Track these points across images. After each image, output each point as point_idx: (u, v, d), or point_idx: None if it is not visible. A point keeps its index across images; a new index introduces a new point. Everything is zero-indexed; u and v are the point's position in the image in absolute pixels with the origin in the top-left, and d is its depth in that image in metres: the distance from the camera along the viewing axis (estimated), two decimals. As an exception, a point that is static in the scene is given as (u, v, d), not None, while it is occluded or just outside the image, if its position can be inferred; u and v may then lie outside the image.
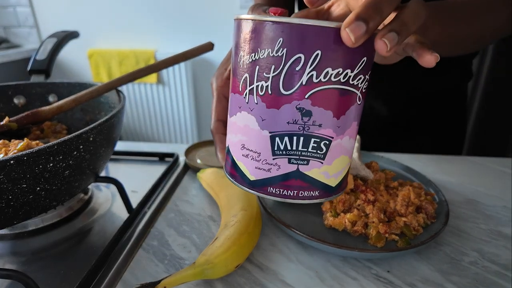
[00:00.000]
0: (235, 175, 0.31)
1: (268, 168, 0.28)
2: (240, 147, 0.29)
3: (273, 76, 0.26)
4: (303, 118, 0.26)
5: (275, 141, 0.27)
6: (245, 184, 0.30)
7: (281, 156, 0.28)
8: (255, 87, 0.27)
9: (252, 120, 0.28)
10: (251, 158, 0.29)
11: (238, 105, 0.29)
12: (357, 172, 0.49)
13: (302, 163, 0.28)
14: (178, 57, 0.49)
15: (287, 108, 0.26)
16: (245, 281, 0.37)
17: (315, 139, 0.27)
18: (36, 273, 0.37)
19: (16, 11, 2.14)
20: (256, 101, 0.27)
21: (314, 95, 0.26)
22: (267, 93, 0.26)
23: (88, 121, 0.57)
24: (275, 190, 0.29)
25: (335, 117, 0.27)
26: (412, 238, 0.40)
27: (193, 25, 1.97)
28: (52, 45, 0.61)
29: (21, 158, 0.30)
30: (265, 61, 0.26)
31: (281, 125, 0.27)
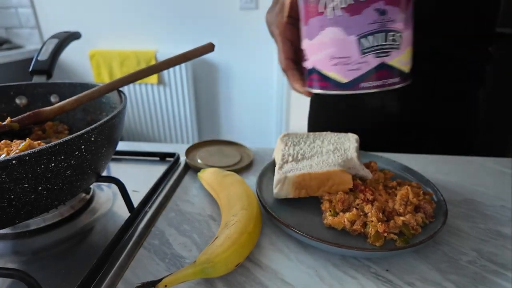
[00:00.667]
0: (326, 85, 0.38)
1: (358, 67, 0.35)
2: (328, 59, 0.36)
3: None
4: (380, 17, 0.34)
5: (361, 42, 0.34)
6: (338, 88, 0.37)
7: (368, 53, 0.35)
8: (338, 2, 0.34)
9: (338, 31, 0.35)
10: (342, 63, 0.36)
11: (320, 25, 0.36)
12: (356, 172, 0.49)
13: (385, 55, 0.35)
14: (179, 57, 0.49)
15: (367, 11, 0.33)
16: (245, 279, 0.37)
17: (392, 33, 0.34)
18: (38, 272, 0.37)
19: (18, 12, 2.15)
20: (340, 14, 0.34)
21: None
22: (349, 4, 0.33)
23: (89, 121, 0.57)
24: (367, 84, 0.36)
25: (402, 12, 0.34)
26: (411, 237, 0.40)
27: (194, 26, 1.97)
28: (53, 46, 0.61)
29: (23, 158, 0.30)
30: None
31: (364, 27, 0.34)
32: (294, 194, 0.46)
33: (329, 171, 0.46)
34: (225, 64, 2.05)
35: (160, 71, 0.49)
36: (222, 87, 2.12)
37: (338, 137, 0.57)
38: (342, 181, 0.46)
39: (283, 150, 0.53)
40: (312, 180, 0.46)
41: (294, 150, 0.53)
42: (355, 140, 0.55)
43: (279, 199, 0.48)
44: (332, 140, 0.56)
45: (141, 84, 2.08)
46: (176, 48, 2.04)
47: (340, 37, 0.35)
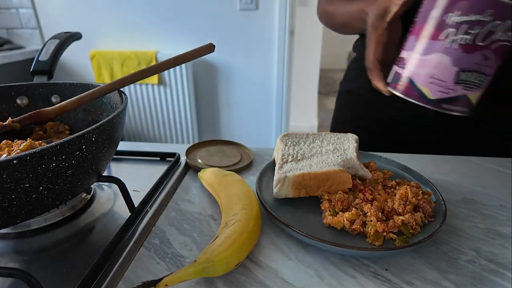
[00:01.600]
0: (413, 95, 0.45)
1: (447, 92, 0.43)
2: (428, 77, 0.43)
3: (476, 33, 0.39)
4: (483, 61, 0.41)
5: (459, 75, 0.42)
6: (423, 101, 0.45)
7: (460, 84, 0.42)
8: (458, 38, 0.40)
9: (447, 60, 0.42)
10: (437, 84, 0.43)
11: (434, 48, 0.42)
12: (356, 172, 0.49)
13: (469, 90, 0.43)
14: (179, 58, 0.49)
15: (477, 54, 0.40)
16: (245, 279, 0.37)
17: (483, 75, 0.42)
18: (39, 271, 0.37)
19: (19, 12, 2.15)
20: (456, 47, 0.41)
21: (496, 47, 0.40)
22: (467, 43, 0.40)
23: (90, 122, 0.57)
24: (447, 106, 0.44)
25: (497, 62, 0.41)
26: (410, 236, 0.40)
27: (194, 26, 1.98)
28: (54, 46, 0.61)
29: (24, 158, 0.30)
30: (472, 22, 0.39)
31: (468, 64, 0.41)
32: (293, 193, 0.47)
33: (329, 171, 0.46)
34: (225, 64, 2.05)
35: (160, 72, 0.50)
36: (222, 87, 2.12)
37: (338, 137, 0.57)
38: (341, 181, 0.46)
39: (283, 150, 0.53)
40: (311, 179, 0.46)
41: (294, 150, 0.53)
42: (354, 140, 0.55)
43: (279, 198, 0.48)
44: (331, 140, 0.56)
45: (141, 85, 2.08)
46: (176, 49, 2.04)
47: (446, 64, 0.42)
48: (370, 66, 0.53)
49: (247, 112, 2.17)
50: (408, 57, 0.46)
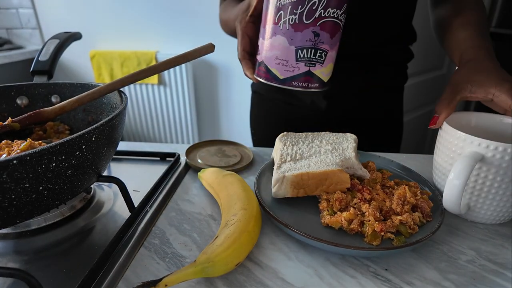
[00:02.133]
0: (268, 77, 0.50)
1: (292, 70, 0.47)
2: (274, 58, 0.48)
3: (300, 12, 0.44)
4: (315, 38, 0.46)
5: (298, 52, 0.46)
6: (276, 81, 0.49)
7: (301, 61, 0.47)
8: (288, 19, 0.45)
9: (284, 40, 0.46)
10: (282, 64, 0.48)
11: (274, 31, 0.47)
12: (354, 172, 0.49)
13: (312, 66, 0.47)
14: (179, 58, 0.49)
15: (306, 31, 0.45)
16: (245, 279, 0.37)
17: (320, 51, 0.47)
18: (39, 271, 0.37)
19: (19, 12, 2.15)
20: (288, 27, 0.45)
21: (322, 24, 0.45)
22: (295, 23, 0.45)
23: (90, 122, 0.57)
24: (296, 83, 0.48)
25: (330, 37, 0.46)
26: (408, 236, 0.40)
27: (194, 26, 1.98)
28: (54, 46, 0.61)
29: (24, 158, 0.30)
30: (294, 3, 0.44)
31: (302, 42, 0.46)
32: (292, 193, 0.47)
33: (327, 170, 0.46)
34: (225, 64, 2.05)
35: (160, 72, 0.50)
36: (222, 87, 2.12)
37: (337, 137, 0.57)
38: (340, 181, 0.46)
39: (282, 149, 0.53)
40: (310, 179, 0.46)
41: (292, 149, 0.53)
42: (353, 140, 0.55)
43: (277, 198, 0.48)
44: (330, 140, 0.56)
45: (141, 85, 2.08)
46: (176, 49, 2.04)
47: (284, 44, 0.47)
48: (239, 57, 0.55)
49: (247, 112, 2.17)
50: (260, 44, 0.50)
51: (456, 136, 0.45)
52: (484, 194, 0.44)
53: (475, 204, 0.45)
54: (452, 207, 0.42)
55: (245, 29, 0.55)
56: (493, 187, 0.43)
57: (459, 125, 0.51)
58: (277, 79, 0.49)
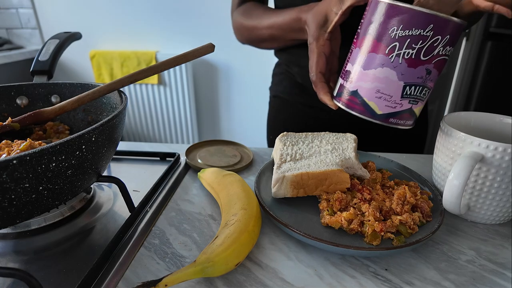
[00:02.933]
0: (360, 109, 0.45)
1: (394, 106, 0.43)
2: (374, 91, 0.43)
3: (419, 47, 0.40)
4: (426, 75, 0.42)
5: (405, 89, 0.42)
6: (371, 116, 0.45)
7: (406, 98, 0.43)
8: (403, 52, 0.41)
9: (393, 74, 0.42)
10: (384, 99, 0.43)
11: (381, 63, 0.42)
12: (354, 172, 0.49)
13: (414, 103, 0.44)
14: (179, 58, 0.49)
15: (420, 68, 0.41)
16: (245, 279, 0.37)
17: (426, 89, 0.43)
18: (39, 271, 0.37)
19: (19, 12, 2.15)
20: (400, 61, 0.41)
21: (436, 61, 0.41)
22: (411, 58, 0.41)
23: (90, 122, 0.57)
24: (394, 120, 0.44)
25: (439, 74, 0.43)
26: (408, 236, 0.40)
27: (194, 26, 1.98)
28: (54, 46, 0.61)
29: (24, 158, 0.30)
30: (415, 37, 0.40)
31: (413, 79, 0.42)
32: (292, 193, 0.47)
33: (327, 170, 0.46)
34: (225, 64, 2.05)
35: (160, 72, 0.50)
36: (222, 87, 2.12)
37: (337, 137, 0.57)
38: (340, 181, 0.46)
39: (282, 149, 0.53)
40: (310, 179, 0.46)
41: (292, 149, 0.53)
42: (353, 140, 0.55)
43: (277, 198, 0.48)
44: (330, 140, 0.56)
45: (141, 85, 2.08)
46: (176, 49, 2.04)
47: (392, 79, 0.42)
48: (313, 80, 0.51)
49: (247, 112, 2.17)
50: (353, 70, 0.45)
51: (456, 136, 0.45)
52: (484, 194, 0.44)
53: (475, 204, 0.45)
54: (452, 207, 0.42)
55: (323, 47, 0.50)
56: (493, 187, 0.43)
57: (459, 125, 0.51)
58: (373, 113, 0.44)
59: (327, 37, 0.50)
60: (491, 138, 0.50)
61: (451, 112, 0.52)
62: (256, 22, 0.71)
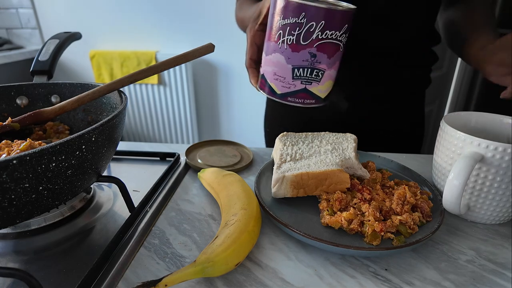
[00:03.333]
0: (267, 90, 0.52)
1: (289, 86, 0.49)
2: (272, 74, 0.50)
3: (297, 34, 0.45)
4: (311, 58, 0.47)
5: (294, 71, 0.48)
6: (273, 95, 0.51)
7: (297, 79, 0.48)
8: (286, 39, 0.46)
9: (282, 58, 0.48)
10: (279, 80, 0.49)
11: (273, 49, 0.48)
12: (354, 172, 0.49)
13: (308, 84, 0.49)
14: (179, 58, 0.49)
15: (303, 52, 0.46)
16: (245, 278, 0.37)
17: (316, 70, 0.48)
18: (39, 271, 0.37)
19: (19, 12, 2.15)
20: (285, 47, 0.47)
21: (319, 45, 0.46)
22: (293, 43, 0.46)
23: (90, 122, 0.57)
24: (292, 99, 0.50)
25: (328, 58, 0.47)
26: (408, 236, 0.40)
27: (194, 26, 1.98)
28: (54, 46, 0.61)
29: (24, 158, 0.30)
30: (293, 25, 0.45)
31: (299, 62, 0.47)
32: (292, 193, 0.47)
33: (327, 170, 0.46)
34: (225, 64, 2.05)
35: (160, 72, 0.50)
36: (222, 87, 2.12)
37: (336, 137, 0.57)
38: (340, 181, 0.46)
39: (282, 149, 0.53)
40: (310, 179, 0.46)
41: (292, 149, 0.53)
42: (353, 140, 0.55)
43: (277, 198, 0.48)
44: (330, 140, 0.56)
45: (141, 85, 2.08)
46: (176, 49, 2.04)
47: (282, 62, 0.48)
48: (246, 65, 0.56)
49: (247, 112, 2.17)
50: (263, 57, 0.52)
51: (456, 136, 0.45)
52: (484, 194, 0.44)
53: (475, 204, 0.45)
54: (452, 207, 0.42)
55: (254, 37, 0.55)
56: (493, 187, 0.43)
57: (459, 125, 0.51)
58: (275, 93, 0.51)
59: (257, 28, 0.54)
60: (491, 138, 0.50)
61: (451, 112, 0.52)
62: (243, 14, 0.78)
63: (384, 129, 0.79)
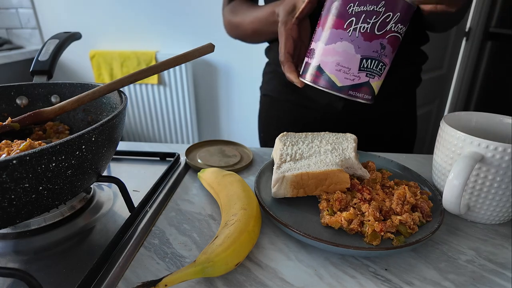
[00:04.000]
0: (323, 83, 0.48)
1: (353, 79, 0.46)
2: (335, 64, 0.46)
3: (373, 22, 0.44)
4: (381, 50, 0.45)
5: (363, 62, 0.46)
6: (333, 88, 0.47)
7: (363, 71, 0.46)
8: (359, 27, 0.44)
9: (351, 47, 0.45)
10: (343, 71, 0.46)
11: (340, 37, 0.45)
12: (354, 172, 0.49)
13: (371, 77, 0.47)
14: (179, 58, 0.49)
15: (375, 42, 0.45)
16: (245, 279, 0.37)
17: (382, 63, 0.46)
18: (39, 271, 0.37)
19: (18, 12, 2.15)
20: (357, 35, 0.45)
21: (390, 37, 0.45)
22: (366, 32, 0.44)
23: (90, 122, 0.57)
24: (353, 92, 0.47)
25: (392, 52, 0.46)
26: (408, 236, 0.40)
27: (194, 26, 1.98)
28: (54, 46, 0.61)
29: (24, 158, 0.30)
30: (369, 12, 0.43)
31: (369, 52, 0.45)
32: (292, 193, 0.47)
33: (327, 170, 0.46)
34: (225, 64, 2.05)
35: (160, 72, 0.50)
36: (222, 87, 2.12)
37: (336, 137, 0.57)
38: (339, 181, 0.46)
39: (281, 149, 0.53)
40: (310, 179, 0.46)
41: (292, 149, 0.53)
42: (353, 140, 0.55)
43: (277, 198, 0.48)
44: (330, 140, 0.56)
45: (141, 85, 2.08)
46: (176, 49, 2.04)
47: (350, 51, 0.45)
48: (282, 60, 0.55)
49: (247, 112, 2.17)
50: (316, 47, 0.48)
51: (455, 136, 0.45)
52: (484, 194, 0.44)
53: (474, 204, 0.45)
54: (451, 207, 0.42)
55: (291, 31, 0.55)
56: (493, 187, 0.43)
57: (459, 125, 0.51)
58: (334, 86, 0.47)
59: (294, 21, 0.54)
60: (491, 138, 0.50)
61: (451, 112, 0.52)
62: (241, 18, 0.77)
63: (377, 133, 0.80)
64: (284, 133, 0.59)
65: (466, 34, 2.04)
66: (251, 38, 0.78)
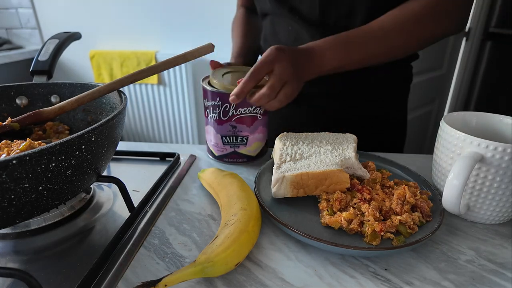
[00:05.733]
0: (210, 152, 0.65)
1: (222, 151, 0.63)
2: (209, 140, 0.64)
3: (218, 112, 0.59)
4: (233, 129, 0.60)
5: (223, 139, 0.61)
6: (214, 157, 0.65)
7: (227, 144, 0.62)
8: (211, 116, 0.60)
9: (212, 130, 0.61)
10: (214, 146, 0.63)
11: (207, 122, 0.62)
12: (354, 172, 0.49)
13: (236, 147, 0.62)
14: (179, 58, 0.49)
15: (226, 125, 0.59)
16: (245, 279, 0.37)
17: (240, 137, 0.61)
18: (38, 271, 0.37)
19: (18, 12, 2.15)
20: (212, 121, 0.60)
21: (236, 119, 0.58)
22: (216, 119, 0.59)
23: (90, 122, 0.57)
24: (227, 159, 0.63)
25: (248, 126, 0.60)
26: (407, 236, 0.40)
27: (194, 26, 1.98)
28: (54, 46, 0.61)
29: (24, 158, 0.30)
30: (213, 106, 0.59)
31: (225, 132, 0.60)
32: (292, 193, 0.47)
33: (327, 170, 0.46)
34: (225, 64, 2.05)
35: (160, 72, 0.50)
36: (222, 87, 2.12)
37: (336, 137, 0.57)
38: (339, 181, 0.46)
39: (281, 149, 0.53)
40: (310, 179, 0.46)
41: (292, 149, 0.53)
42: (353, 140, 0.55)
43: (277, 198, 0.48)
44: (330, 140, 0.56)
45: (141, 85, 2.08)
46: (176, 49, 2.04)
47: (213, 133, 0.62)
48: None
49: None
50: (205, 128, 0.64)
51: (455, 136, 0.45)
52: (484, 194, 0.44)
53: (474, 204, 0.45)
54: (451, 207, 0.42)
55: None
56: (493, 187, 0.43)
57: (459, 125, 0.51)
58: (214, 155, 0.64)
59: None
60: (491, 138, 0.50)
61: (451, 112, 0.52)
62: (232, 37, 0.91)
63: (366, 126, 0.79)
64: (284, 133, 0.59)
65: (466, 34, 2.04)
66: None
